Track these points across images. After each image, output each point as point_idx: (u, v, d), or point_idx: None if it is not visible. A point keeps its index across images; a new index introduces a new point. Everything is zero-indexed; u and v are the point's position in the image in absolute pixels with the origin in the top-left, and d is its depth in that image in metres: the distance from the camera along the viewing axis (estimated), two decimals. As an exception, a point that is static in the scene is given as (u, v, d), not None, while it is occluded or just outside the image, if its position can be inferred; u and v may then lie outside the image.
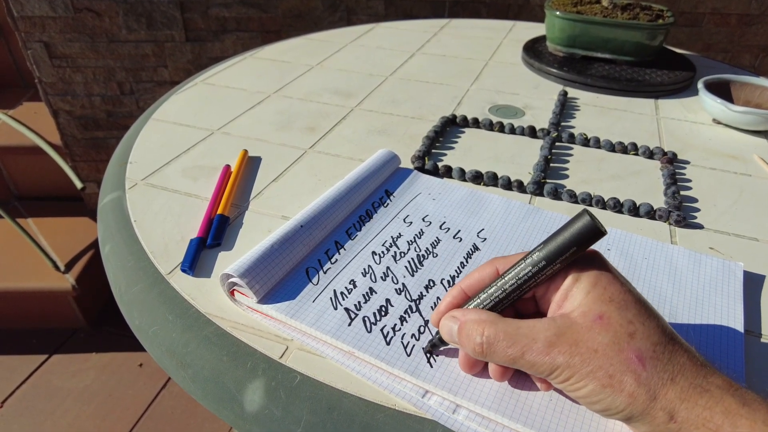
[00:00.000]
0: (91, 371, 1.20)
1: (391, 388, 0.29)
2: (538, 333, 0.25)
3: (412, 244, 0.38)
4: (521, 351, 0.25)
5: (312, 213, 0.38)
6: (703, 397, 0.22)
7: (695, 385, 0.23)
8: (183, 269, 0.37)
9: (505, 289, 0.27)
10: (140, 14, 1.16)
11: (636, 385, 0.23)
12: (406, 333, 0.31)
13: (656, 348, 0.24)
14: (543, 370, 0.25)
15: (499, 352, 0.26)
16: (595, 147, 0.54)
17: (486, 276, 0.29)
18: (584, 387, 0.24)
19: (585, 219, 0.25)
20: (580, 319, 0.25)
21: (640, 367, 0.23)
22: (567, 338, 0.24)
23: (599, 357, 0.24)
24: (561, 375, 0.24)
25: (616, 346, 0.24)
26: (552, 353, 0.24)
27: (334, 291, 0.34)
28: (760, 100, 0.60)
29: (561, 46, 0.72)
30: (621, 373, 0.23)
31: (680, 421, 0.22)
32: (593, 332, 0.24)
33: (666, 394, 0.23)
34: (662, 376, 0.23)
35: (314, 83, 0.68)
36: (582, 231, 0.25)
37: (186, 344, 0.33)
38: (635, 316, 0.24)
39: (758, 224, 0.43)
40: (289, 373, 0.30)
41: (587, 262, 0.26)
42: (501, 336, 0.26)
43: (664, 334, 0.24)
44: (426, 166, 0.48)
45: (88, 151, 1.37)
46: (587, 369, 0.24)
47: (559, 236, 0.26)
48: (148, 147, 0.53)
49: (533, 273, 0.27)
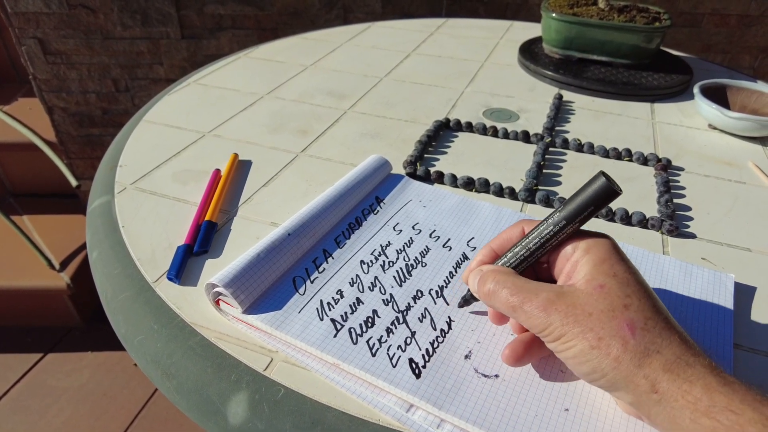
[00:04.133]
0: (86, 370, 1.19)
1: (376, 402, 0.28)
2: (541, 290, 0.27)
3: (401, 253, 0.38)
4: (521, 301, 0.27)
5: (300, 220, 0.38)
6: (686, 372, 0.23)
7: (680, 360, 0.24)
8: (169, 277, 0.36)
9: (529, 248, 0.30)
10: (135, 11, 1.16)
11: (623, 350, 0.24)
12: (392, 345, 0.31)
13: (647, 322, 0.25)
14: (537, 324, 0.26)
15: (502, 298, 0.28)
16: (589, 153, 0.54)
17: (513, 236, 0.31)
18: (574, 347, 0.25)
19: (601, 180, 0.27)
20: (582, 285, 0.27)
21: (630, 335, 0.24)
22: (566, 300, 0.26)
23: (593, 320, 0.25)
24: (553, 333, 0.26)
25: (611, 313, 0.25)
26: (549, 310, 0.26)
27: (320, 301, 0.34)
28: (757, 105, 0.60)
29: (557, 48, 0.72)
30: (610, 337, 0.25)
31: (661, 391, 0.23)
32: (592, 298, 0.26)
33: (651, 363, 0.24)
34: (649, 348, 0.24)
35: (308, 84, 0.67)
36: (598, 191, 0.27)
37: (171, 354, 0.33)
38: (634, 293, 0.26)
39: (751, 234, 0.43)
40: (273, 386, 0.30)
41: (599, 242, 0.28)
42: (509, 285, 0.28)
43: (658, 312, 0.26)
44: (418, 171, 0.48)
45: (83, 148, 1.37)
46: (579, 329, 0.25)
47: (577, 197, 0.28)
48: (138, 150, 0.52)
49: (554, 232, 0.29)
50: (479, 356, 0.31)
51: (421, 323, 0.33)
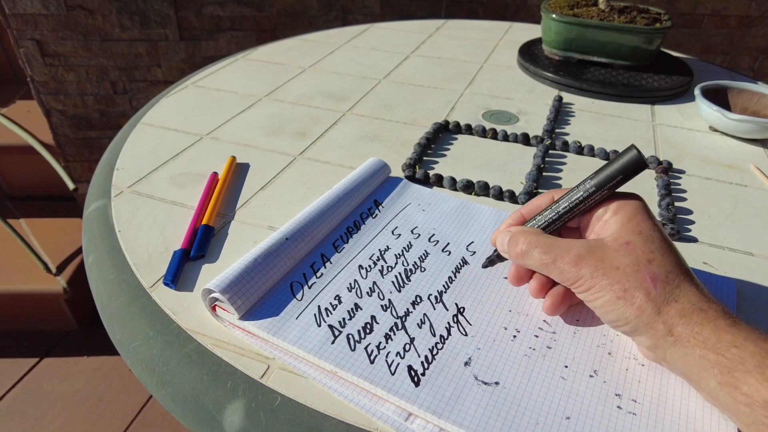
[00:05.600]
0: (82, 375, 1.19)
1: (374, 411, 0.28)
2: (572, 247, 0.29)
3: (399, 258, 0.38)
4: (553, 258, 0.29)
5: (298, 225, 0.37)
6: (699, 316, 0.26)
7: (695, 306, 0.26)
8: (165, 282, 0.36)
9: (558, 211, 0.32)
10: (133, 12, 1.15)
11: (645, 300, 0.27)
12: (390, 351, 0.31)
13: (668, 275, 0.27)
14: (569, 278, 0.29)
15: (535, 257, 0.30)
16: (589, 155, 0.53)
17: (543, 203, 0.33)
18: (602, 297, 0.28)
19: (633, 152, 0.29)
20: (610, 242, 0.29)
21: (652, 286, 0.27)
22: (595, 255, 0.28)
23: (619, 273, 0.28)
24: (583, 285, 0.28)
25: (635, 266, 0.28)
26: (580, 264, 0.28)
27: (318, 307, 0.33)
28: (758, 107, 0.60)
29: (557, 49, 0.72)
30: (634, 289, 0.27)
31: (676, 334, 0.26)
32: (619, 253, 0.28)
33: (669, 310, 0.27)
34: (668, 297, 0.27)
35: (306, 86, 0.67)
36: (629, 162, 0.29)
37: (166, 361, 0.32)
38: (657, 249, 0.28)
39: (753, 238, 0.42)
40: (270, 393, 0.29)
41: (628, 203, 0.30)
42: (540, 244, 0.30)
43: (680, 266, 0.28)
44: (417, 174, 0.47)
45: (80, 151, 1.36)
46: (607, 281, 0.28)
47: (609, 167, 0.30)
48: (135, 153, 0.52)
49: (584, 198, 0.31)
50: (479, 363, 0.30)
51: (420, 329, 0.32)
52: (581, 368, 0.30)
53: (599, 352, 0.31)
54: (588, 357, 0.31)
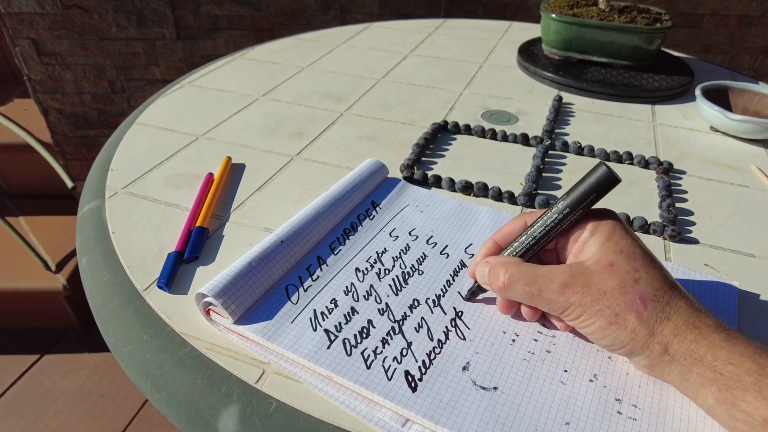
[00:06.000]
0: (83, 371, 1.19)
1: (370, 416, 0.28)
2: (555, 275, 0.29)
3: (397, 260, 0.37)
4: (539, 289, 0.29)
5: (293, 227, 0.37)
6: (693, 333, 0.26)
7: (688, 323, 0.26)
8: (159, 285, 0.35)
9: (535, 236, 0.31)
10: (130, 11, 1.14)
11: (638, 322, 0.27)
12: (387, 356, 0.30)
13: (657, 292, 0.27)
14: (558, 308, 0.28)
15: (519, 289, 0.29)
16: (589, 155, 0.53)
17: (516, 228, 0.33)
18: (593, 323, 0.28)
19: (602, 169, 0.29)
20: (593, 266, 0.28)
21: (642, 307, 0.27)
22: (580, 281, 0.28)
23: (607, 298, 0.27)
24: (573, 312, 0.28)
25: (623, 289, 0.27)
26: (566, 293, 0.28)
27: (314, 311, 0.33)
28: (759, 107, 0.59)
29: (556, 49, 0.71)
30: (625, 312, 0.27)
31: (672, 353, 0.26)
32: (603, 277, 0.28)
33: (662, 330, 0.26)
34: (660, 315, 0.27)
35: (304, 86, 0.67)
36: (600, 180, 0.29)
37: (160, 366, 0.32)
38: (641, 266, 0.28)
39: (755, 239, 0.42)
40: (265, 399, 0.29)
41: (603, 219, 0.30)
42: (522, 275, 0.29)
43: (666, 281, 0.28)
44: (415, 175, 0.47)
45: (79, 149, 1.36)
46: (596, 308, 0.27)
47: (580, 186, 0.30)
48: (130, 153, 0.51)
49: (559, 219, 0.30)
50: (477, 367, 0.30)
51: (417, 333, 0.32)
52: (581, 373, 0.30)
53: (599, 356, 0.31)
54: (588, 361, 0.31)
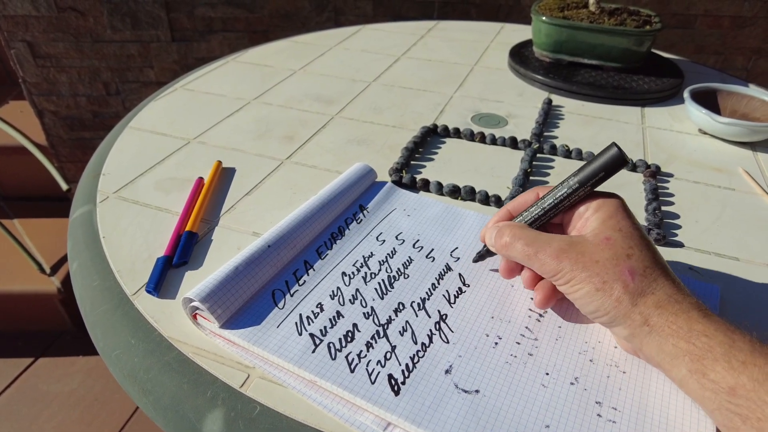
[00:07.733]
0: (77, 375, 1.19)
1: (352, 420, 0.28)
2: (553, 241, 0.31)
3: (383, 264, 0.38)
4: (535, 250, 0.31)
5: (281, 232, 0.37)
6: (674, 307, 0.27)
7: (671, 298, 0.28)
8: (148, 290, 0.36)
9: (544, 207, 0.33)
10: (125, 14, 1.15)
11: (623, 292, 0.28)
12: (371, 360, 0.31)
13: (646, 269, 0.29)
14: (549, 270, 0.30)
15: (518, 248, 0.31)
16: (577, 159, 0.53)
17: (528, 199, 0.35)
18: (581, 289, 0.29)
19: (614, 149, 0.31)
20: (591, 238, 0.30)
21: (630, 279, 0.28)
22: (576, 249, 0.30)
23: (599, 266, 0.29)
24: (564, 277, 0.30)
25: (614, 260, 0.29)
26: (560, 257, 0.30)
27: (300, 315, 0.33)
28: (747, 109, 0.60)
29: (547, 51, 0.71)
30: (613, 281, 0.28)
31: (652, 324, 0.27)
32: (598, 248, 0.29)
33: (645, 302, 0.28)
34: (645, 290, 0.28)
35: (296, 89, 0.67)
36: (610, 159, 0.31)
37: (148, 370, 0.32)
38: (636, 245, 0.29)
39: (740, 242, 0.42)
40: (250, 403, 0.29)
41: (608, 201, 0.31)
42: (523, 236, 0.32)
43: (657, 262, 0.29)
44: (404, 179, 0.47)
45: (74, 151, 1.36)
46: (586, 274, 0.29)
47: (591, 164, 0.32)
48: (122, 157, 0.52)
49: (567, 194, 0.32)
50: (460, 371, 0.30)
51: (402, 337, 0.32)
52: (562, 375, 0.30)
53: (581, 359, 0.31)
54: (569, 364, 0.31)
